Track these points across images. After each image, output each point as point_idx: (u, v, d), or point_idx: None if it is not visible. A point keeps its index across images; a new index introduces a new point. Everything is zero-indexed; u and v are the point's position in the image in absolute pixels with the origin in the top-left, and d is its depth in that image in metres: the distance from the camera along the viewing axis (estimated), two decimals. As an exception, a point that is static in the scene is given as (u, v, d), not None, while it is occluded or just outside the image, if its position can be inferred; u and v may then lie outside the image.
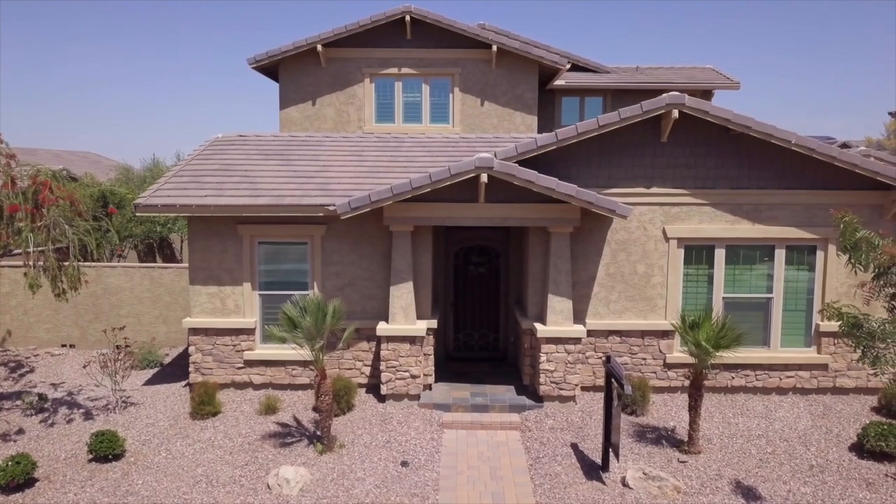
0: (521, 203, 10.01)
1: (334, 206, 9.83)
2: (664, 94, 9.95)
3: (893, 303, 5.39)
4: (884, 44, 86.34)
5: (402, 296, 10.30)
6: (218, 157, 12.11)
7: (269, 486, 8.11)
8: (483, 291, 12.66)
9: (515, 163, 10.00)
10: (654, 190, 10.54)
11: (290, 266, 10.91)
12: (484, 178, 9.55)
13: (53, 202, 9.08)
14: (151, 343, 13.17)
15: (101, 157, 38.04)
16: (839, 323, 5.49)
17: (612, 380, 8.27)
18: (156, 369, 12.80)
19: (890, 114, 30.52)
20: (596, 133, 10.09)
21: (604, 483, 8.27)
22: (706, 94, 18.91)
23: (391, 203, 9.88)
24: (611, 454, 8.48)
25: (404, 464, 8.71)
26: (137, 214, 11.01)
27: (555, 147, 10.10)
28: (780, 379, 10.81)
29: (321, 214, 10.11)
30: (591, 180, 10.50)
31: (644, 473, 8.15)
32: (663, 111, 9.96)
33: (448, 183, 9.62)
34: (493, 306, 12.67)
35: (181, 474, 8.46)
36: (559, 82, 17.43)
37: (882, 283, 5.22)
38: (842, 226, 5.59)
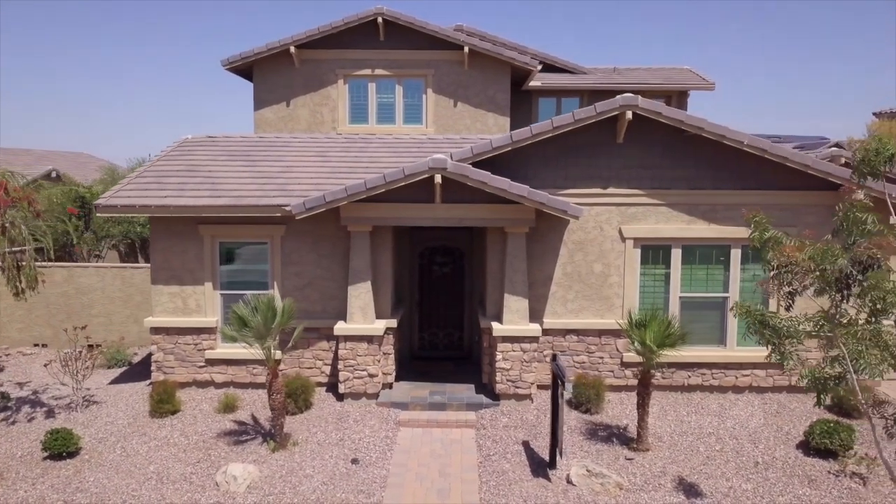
0: (476, 203, 10.11)
1: (290, 206, 9.93)
2: (618, 96, 10.05)
3: (790, 301, 5.50)
4: (884, 43, 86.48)
5: (360, 295, 10.41)
6: (184, 158, 12.22)
7: (217, 483, 8.22)
8: (448, 291, 12.77)
9: (471, 164, 10.11)
10: (610, 190, 10.65)
11: (250, 266, 11.03)
12: (438, 178, 9.65)
13: (9, 203, 9.19)
14: (120, 342, 13.28)
15: (92, 157, 38.15)
16: (746, 321, 5.60)
17: (558, 378, 8.38)
18: (123, 368, 12.92)
19: (874, 114, 30.55)
20: (551, 134, 10.19)
21: (549, 480, 8.38)
22: (682, 95, 19.04)
23: (347, 203, 9.98)
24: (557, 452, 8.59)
25: (354, 461, 8.82)
26: (98, 215, 11.11)
27: (510, 148, 10.20)
28: (737, 378, 10.92)
29: (279, 215, 10.23)
30: (548, 181, 10.60)
31: (587, 470, 8.26)
32: (617, 112, 10.06)
33: (403, 183, 9.73)
34: (458, 306, 12.78)
35: (133, 472, 8.57)
36: (535, 83, 17.54)
37: (779, 281, 5.34)
38: (753, 225, 5.71)
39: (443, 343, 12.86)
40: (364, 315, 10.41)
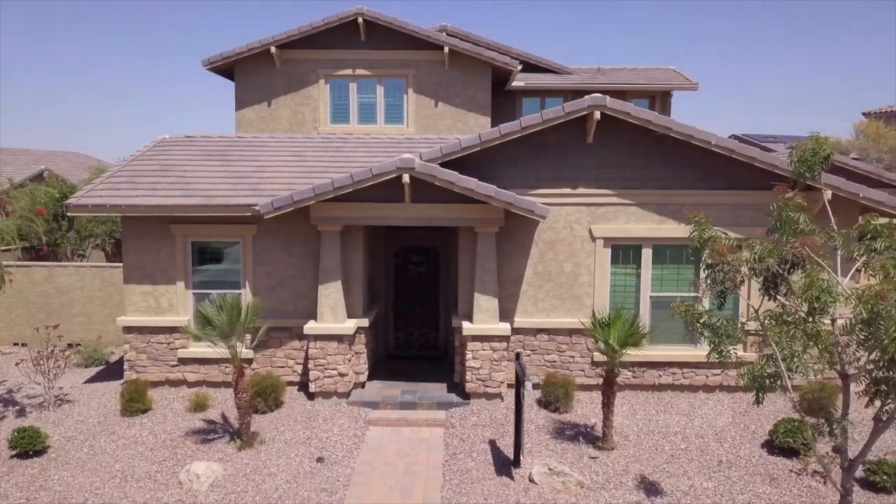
0: (446, 203, 10.15)
1: (258, 205, 9.97)
2: (587, 96, 10.09)
3: (722, 300, 5.54)
4: (884, 42, 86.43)
5: (331, 295, 10.45)
6: (160, 157, 12.25)
7: (180, 481, 8.25)
8: (423, 290, 12.81)
9: (442, 163, 10.15)
10: (580, 190, 10.68)
11: (222, 265, 11.07)
12: (406, 178, 9.69)
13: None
14: (97, 341, 13.31)
15: (89, 157, 38.19)
16: (684, 319, 5.65)
17: (520, 377, 8.42)
18: (101, 367, 12.95)
19: (864, 114, 30.63)
20: (520, 135, 10.23)
21: (512, 479, 8.41)
22: (665, 95, 19.09)
23: (316, 203, 10.02)
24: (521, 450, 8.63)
25: (320, 460, 8.86)
26: (69, 214, 11.15)
27: (479, 148, 10.24)
28: (707, 377, 10.95)
29: (249, 214, 10.26)
30: (518, 181, 10.64)
31: (549, 469, 8.30)
32: (585, 112, 10.10)
33: (371, 183, 9.77)
34: (434, 305, 12.82)
35: (98, 470, 8.61)
36: (518, 84, 17.59)
37: (710, 280, 5.38)
38: (693, 225, 5.75)
39: (418, 342, 12.90)
40: (334, 314, 10.44)
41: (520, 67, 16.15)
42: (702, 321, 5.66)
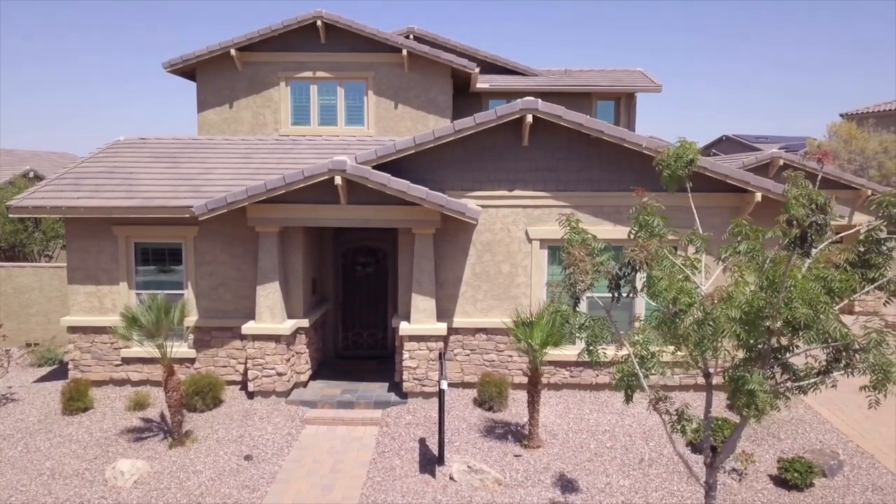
0: (381, 205, 10.29)
1: (194, 207, 10.11)
2: (518, 100, 10.23)
3: (576, 300, 5.69)
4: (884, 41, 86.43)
5: (269, 295, 10.59)
6: (110, 160, 12.39)
7: (105, 478, 8.40)
8: (371, 291, 12.95)
9: (377, 165, 10.29)
10: (516, 193, 10.82)
11: (165, 266, 11.21)
12: (338, 180, 9.83)
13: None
14: (51, 341, 13.46)
15: (76, 157, 38.36)
16: (553, 319, 5.79)
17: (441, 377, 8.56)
18: (53, 367, 13.09)
19: (841, 115, 30.71)
20: (455, 137, 10.37)
21: (434, 476, 8.55)
22: (630, 96, 19.24)
23: (252, 204, 10.16)
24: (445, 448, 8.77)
25: (248, 458, 9.00)
26: (10, 216, 11.29)
27: (414, 150, 10.38)
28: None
29: (188, 216, 10.40)
30: (456, 183, 10.78)
31: (468, 467, 8.44)
32: (518, 115, 10.24)
33: (304, 184, 9.91)
34: (382, 306, 12.95)
35: (28, 468, 8.75)
36: (483, 85, 17.75)
37: (568, 280, 5.53)
38: (567, 227, 5.90)
39: (367, 343, 13.03)
40: (272, 315, 10.58)
41: (478, 69, 16.29)
42: (569, 321, 5.81)
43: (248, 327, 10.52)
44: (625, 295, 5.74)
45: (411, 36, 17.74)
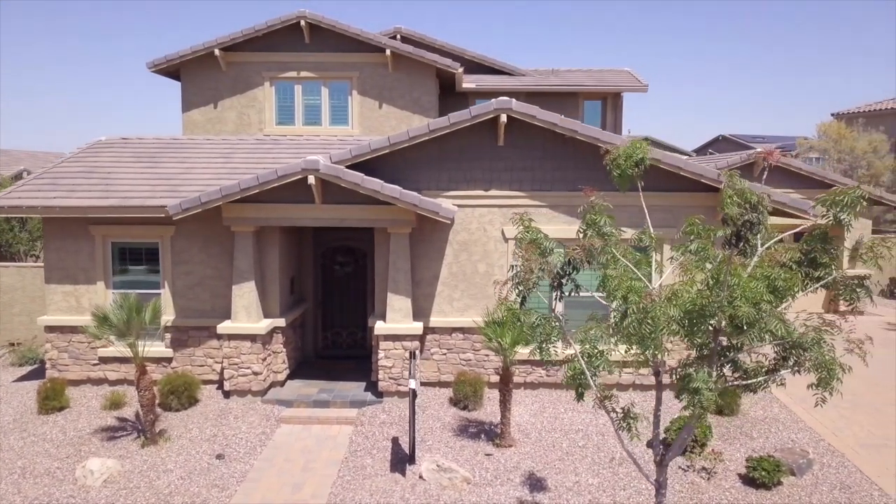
0: (356, 205, 10.31)
1: (168, 206, 10.13)
2: (493, 100, 10.25)
3: (522, 298, 5.72)
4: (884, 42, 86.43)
5: (245, 295, 10.61)
6: (90, 159, 12.41)
7: (76, 477, 8.42)
8: (351, 291, 12.97)
9: (352, 165, 10.32)
10: (492, 192, 10.84)
11: (142, 265, 11.24)
12: (312, 179, 9.85)
13: None
14: (32, 341, 13.48)
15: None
16: (504, 318, 5.82)
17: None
18: (34, 366, 13.11)
19: (833, 115, 30.73)
20: (430, 137, 10.39)
21: (404, 475, 8.58)
22: (616, 96, 19.27)
23: (227, 204, 10.18)
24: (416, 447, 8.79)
25: (219, 457, 9.02)
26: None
27: (389, 150, 10.40)
28: (620, 375, 11.05)
29: (163, 215, 10.42)
30: (432, 183, 10.81)
31: (437, 466, 8.46)
32: (492, 115, 10.26)
33: (277, 184, 9.93)
34: (361, 306, 12.97)
35: (-1, 467, 8.78)
36: (470, 85, 17.78)
37: (514, 280, 5.56)
38: (523, 226, 5.93)
39: (346, 342, 13.06)
40: (248, 314, 10.60)
41: (462, 69, 16.31)
42: (520, 319, 5.84)
43: (224, 327, 10.54)
44: (567, 293, 5.76)
45: (398, 36, 17.76)
